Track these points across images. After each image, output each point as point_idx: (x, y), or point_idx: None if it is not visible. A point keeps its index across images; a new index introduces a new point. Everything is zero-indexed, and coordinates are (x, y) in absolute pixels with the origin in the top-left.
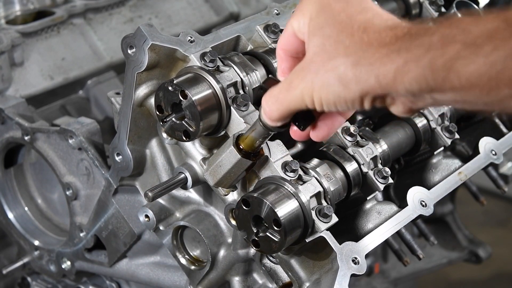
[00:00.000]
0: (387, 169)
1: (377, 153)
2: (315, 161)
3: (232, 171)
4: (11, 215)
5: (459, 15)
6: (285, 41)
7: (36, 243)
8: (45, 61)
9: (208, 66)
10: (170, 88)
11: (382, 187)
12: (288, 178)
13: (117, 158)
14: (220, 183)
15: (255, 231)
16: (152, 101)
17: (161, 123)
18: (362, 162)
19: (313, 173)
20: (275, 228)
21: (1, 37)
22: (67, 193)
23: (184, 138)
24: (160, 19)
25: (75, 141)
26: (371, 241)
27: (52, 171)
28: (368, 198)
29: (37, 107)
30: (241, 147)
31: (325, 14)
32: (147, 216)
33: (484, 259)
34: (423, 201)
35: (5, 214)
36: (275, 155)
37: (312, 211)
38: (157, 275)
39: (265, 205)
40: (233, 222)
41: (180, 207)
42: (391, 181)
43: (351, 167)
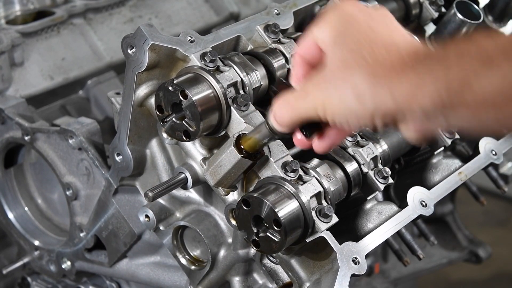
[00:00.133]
0: (387, 169)
1: (377, 153)
2: (315, 161)
3: (232, 171)
4: (11, 215)
5: (459, 15)
6: (304, 48)
7: (36, 243)
8: (45, 61)
9: (208, 66)
10: (170, 88)
11: (382, 187)
12: (288, 178)
13: (117, 158)
14: (220, 183)
15: (255, 231)
16: (152, 101)
17: (161, 123)
18: (362, 162)
19: (313, 173)
20: (276, 228)
21: (1, 37)
22: (67, 193)
23: (184, 138)
24: (160, 19)
25: (75, 141)
26: (371, 241)
27: (52, 171)
28: (368, 198)
29: (37, 107)
30: (242, 147)
31: (350, 28)
32: (147, 216)
33: (484, 259)
34: (423, 201)
35: (5, 214)
36: (275, 155)
37: (312, 211)
38: (157, 275)
39: (265, 205)
40: (233, 222)
41: (180, 207)
42: (391, 181)
43: (351, 167)
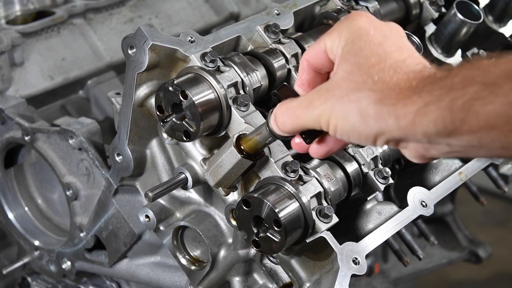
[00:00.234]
0: (388, 169)
1: (377, 153)
2: (315, 161)
3: (233, 171)
4: (11, 215)
5: (459, 15)
6: (313, 55)
7: (36, 243)
8: (45, 61)
9: (208, 67)
10: (170, 89)
11: (382, 187)
12: (288, 178)
13: (118, 158)
14: (220, 184)
15: (255, 231)
16: (152, 101)
17: (161, 123)
18: (362, 162)
19: (314, 173)
20: (276, 228)
21: (1, 37)
22: (67, 193)
23: (185, 139)
24: (160, 19)
25: (75, 141)
26: (371, 242)
27: (52, 171)
28: (368, 199)
29: (37, 107)
30: (242, 148)
31: (362, 43)
32: (147, 216)
33: (484, 259)
34: (424, 201)
35: (5, 214)
36: (276, 155)
37: (312, 211)
38: (157, 275)
39: (265, 205)
40: (234, 223)
41: (181, 207)
42: (391, 181)
43: (351, 167)
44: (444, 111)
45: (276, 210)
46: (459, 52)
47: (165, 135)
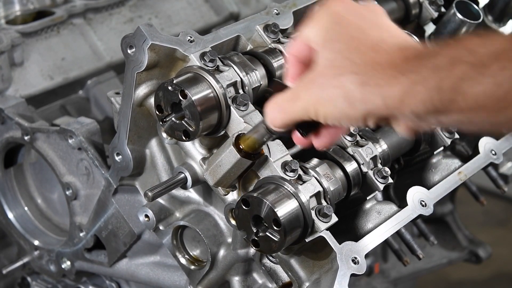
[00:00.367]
0: (387, 169)
1: (376, 152)
2: (314, 160)
3: (232, 171)
4: (11, 215)
5: (459, 15)
6: (296, 48)
7: (36, 243)
8: (45, 61)
9: (207, 66)
10: (169, 88)
11: (382, 187)
12: (287, 178)
13: (117, 158)
14: (219, 183)
15: (254, 231)
16: (152, 101)
17: (161, 123)
18: (362, 162)
19: (313, 172)
20: (275, 228)
21: (1, 37)
22: (67, 193)
23: (184, 138)
24: (160, 19)
25: (75, 141)
26: (371, 241)
27: (52, 171)
28: (368, 198)
29: (37, 107)
30: (241, 147)
31: (339, 28)
32: (147, 216)
33: (484, 259)
34: (423, 201)
35: (5, 214)
36: (275, 154)
37: (312, 211)
38: (157, 275)
39: (264, 205)
40: (233, 222)
41: (180, 207)
42: (390, 181)
43: (350, 166)
44: (432, 91)
45: (276, 210)
46: None
47: (164, 135)
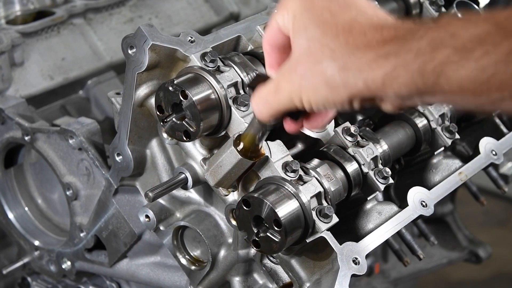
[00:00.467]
0: (388, 169)
1: (377, 153)
2: (315, 161)
3: (233, 171)
4: (11, 215)
5: (459, 15)
6: (270, 36)
7: (36, 243)
8: (45, 61)
9: (208, 66)
10: (170, 88)
11: (382, 187)
12: (288, 178)
13: (118, 158)
14: (220, 184)
15: (255, 231)
16: (152, 101)
17: (161, 123)
18: (362, 162)
19: (314, 173)
20: (276, 228)
21: (1, 37)
22: (67, 193)
23: (185, 138)
24: (160, 19)
25: (75, 141)
26: (371, 241)
27: (52, 171)
28: (368, 198)
29: (37, 107)
30: (242, 147)
31: (309, 12)
32: (147, 216)
33: (484, 259)
34: (424, 201)
35: (5, 214)
36: (276, 155)
37: (312, 211)
38: (157, 275)
39: (265, 205)
40: (234, 222)
41: (181, 207)
42: (391, 181)
43: (351, 167)
44: (415, 74)
45: (276, 210)
46: None
47: (165, 135)
